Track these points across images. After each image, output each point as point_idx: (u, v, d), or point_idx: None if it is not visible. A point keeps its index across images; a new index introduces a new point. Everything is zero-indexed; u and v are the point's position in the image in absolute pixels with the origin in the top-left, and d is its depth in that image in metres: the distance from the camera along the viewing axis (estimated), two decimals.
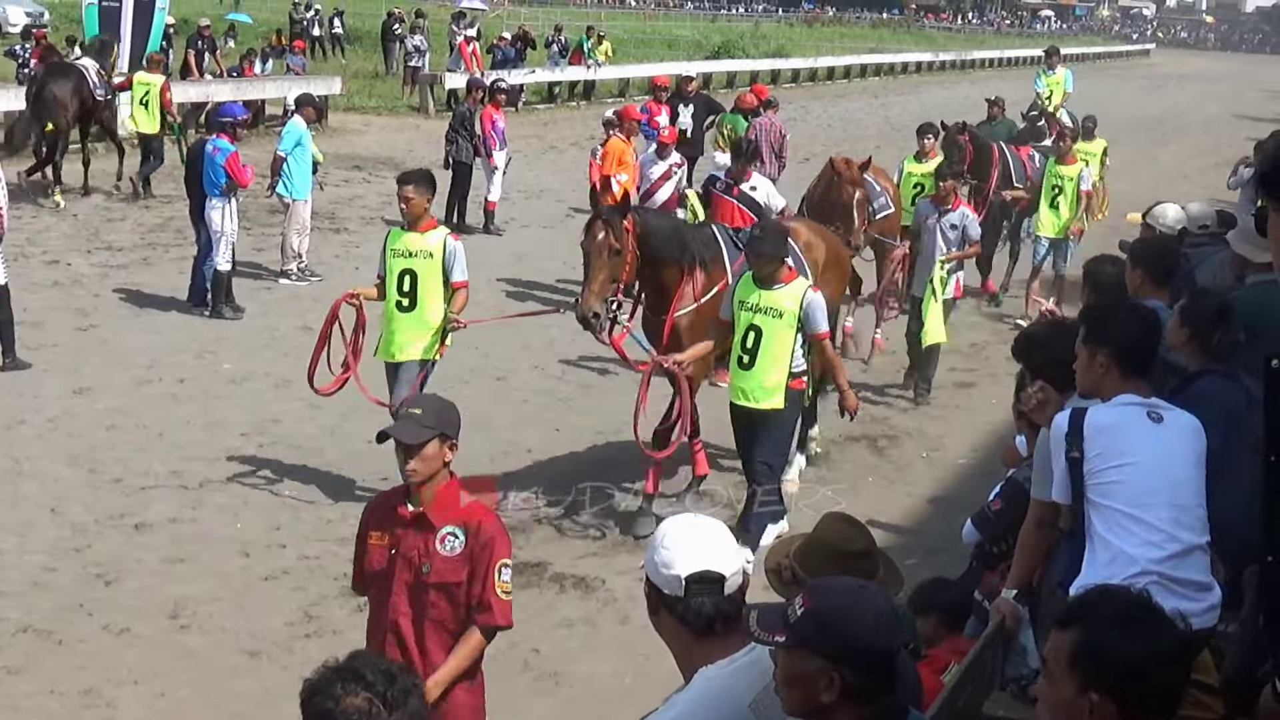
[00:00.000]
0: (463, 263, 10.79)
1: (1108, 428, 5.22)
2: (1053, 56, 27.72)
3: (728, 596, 3.87)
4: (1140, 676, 3.29)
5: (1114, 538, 5.17)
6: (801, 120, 37.36)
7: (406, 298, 10.73)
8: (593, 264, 10.21)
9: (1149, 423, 5.25)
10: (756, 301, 9.90)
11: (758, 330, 9.89)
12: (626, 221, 10.28)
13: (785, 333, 9.85)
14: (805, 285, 10.06)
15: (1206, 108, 52.18)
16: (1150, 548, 5.14)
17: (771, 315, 9.85)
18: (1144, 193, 18.65)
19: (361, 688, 3.27)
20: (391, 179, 25.42)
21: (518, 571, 9.77)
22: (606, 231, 10.19)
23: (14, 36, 37.35)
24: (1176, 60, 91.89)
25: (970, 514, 6.82)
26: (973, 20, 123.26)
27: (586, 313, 10.14)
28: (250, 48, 34.83)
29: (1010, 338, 16.03)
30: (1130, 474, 5.18)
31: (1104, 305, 6.23)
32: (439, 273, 10.72)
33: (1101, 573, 5.00)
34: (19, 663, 8.29)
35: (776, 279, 9.90)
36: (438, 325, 10.77)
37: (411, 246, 10.73)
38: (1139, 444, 5.21)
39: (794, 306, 9.83)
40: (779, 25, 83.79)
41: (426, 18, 42.26)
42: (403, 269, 10.73)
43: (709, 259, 10.83)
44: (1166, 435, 5.26)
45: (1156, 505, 5.18)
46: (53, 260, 17.72)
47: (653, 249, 10.47)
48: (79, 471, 11.23)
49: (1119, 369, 5.37)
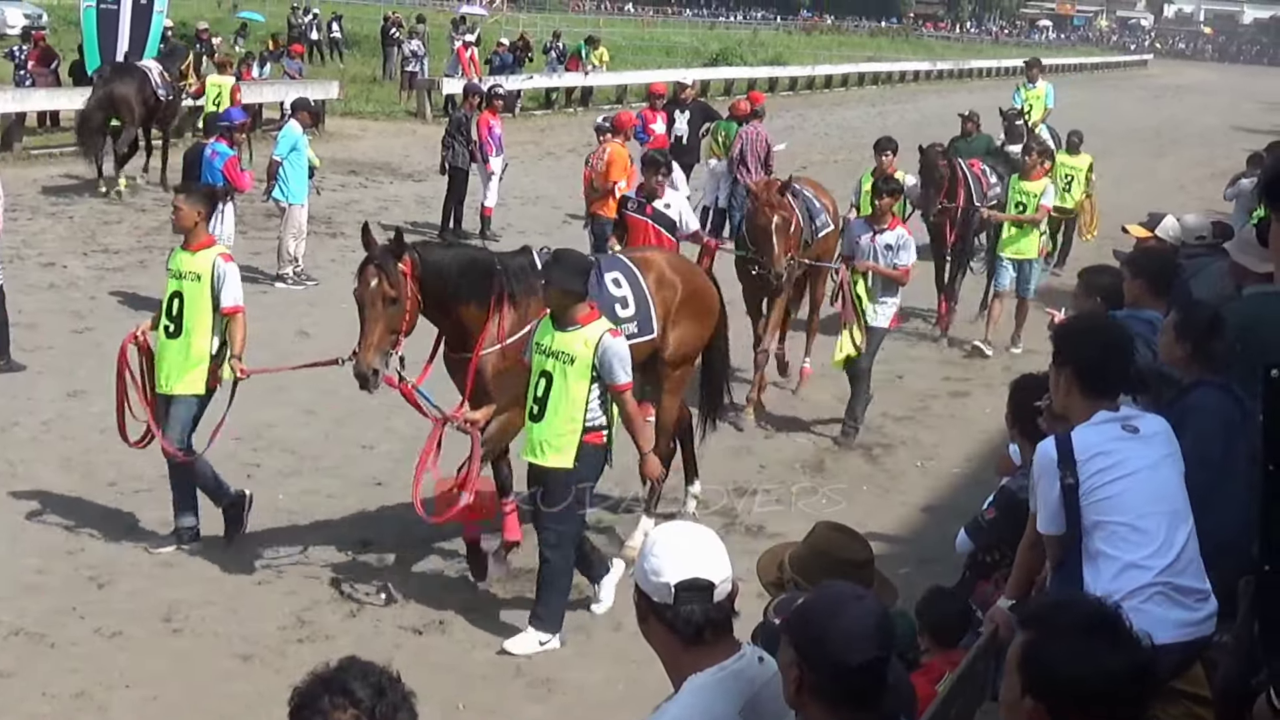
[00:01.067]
0: (235, 286, 9.98)
1: (1097, 446, 5.23)
2: (1033, 68, 25.97)
3: (717, 604, 3.86)
4: (1079, 692, 3.25)
5: (1118, 551, 5.17)
6: (799, 128, 37.41)
7: (173, 323, 9.98)
8: (367, 315, 9.01)
9: (1127, 435, 5.27)
10: (549, 344, 8.70)
11: (548, 377, 8.70)
12: (403, 264, 9.04)
13: (578, 382, 8.61)
14: (603, 329, 8.71)
15: (1204, 119, 52.25)
16: (1155, 556, 5.16)
17: (563, 360, 8.64)
18: (1141, 204, 18.59)
19: (349, 703, 3.24)
20: (389, 184, 25.62)
21: (510, 579, 9.81)
22: (380, 278, 8.97)
23: (13, 38, 37.35)
24: (1174, 71, 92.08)
25: (964, 523, 6.82)
26: (971, 30, 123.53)
27: (365, 369, 8.96)
28: (249, 51, 34.91)
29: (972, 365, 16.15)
30: (1124, 486, 5.20)
31: (1073, 324, 6.20)
32: (207, 296, 9.90)
33: (1108, 586, 4.98)
34: (10, 665, 8.28)
35: (571, 319, 8.67)
36: (206, 356, 9.94)
37: (183, 267, 10.02)
38: (1126, 457, 5.23)
39: (587, 352, 8.58)
40: (777, 33, 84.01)
41: (426, 23, 42.32)
42: (173, 291, 10.02)
43: (520, 291, 9.49)
44: (1146, 444, 5.29)
45: (1154, 514, 5.21)
46: (49, 263, 17.71)
47: (438, 290, 9.28)
48: (72, 474, 11.21)
49: (1079, 388, 5.38)
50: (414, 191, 24.84)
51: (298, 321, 15.77)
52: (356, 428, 12.49)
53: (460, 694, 8.22)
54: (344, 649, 8.27)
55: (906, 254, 12.99)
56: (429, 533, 10.31)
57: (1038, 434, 5.87)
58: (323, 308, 16.53)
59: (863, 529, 7.76)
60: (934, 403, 14.48)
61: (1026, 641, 3.36)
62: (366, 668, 3.36)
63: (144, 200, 22.26)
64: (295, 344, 14.91)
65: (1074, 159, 20.53)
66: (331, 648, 8.39)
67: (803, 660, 3.59)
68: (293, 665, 7.94)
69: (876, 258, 12.88)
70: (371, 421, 12.51)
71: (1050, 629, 3.34)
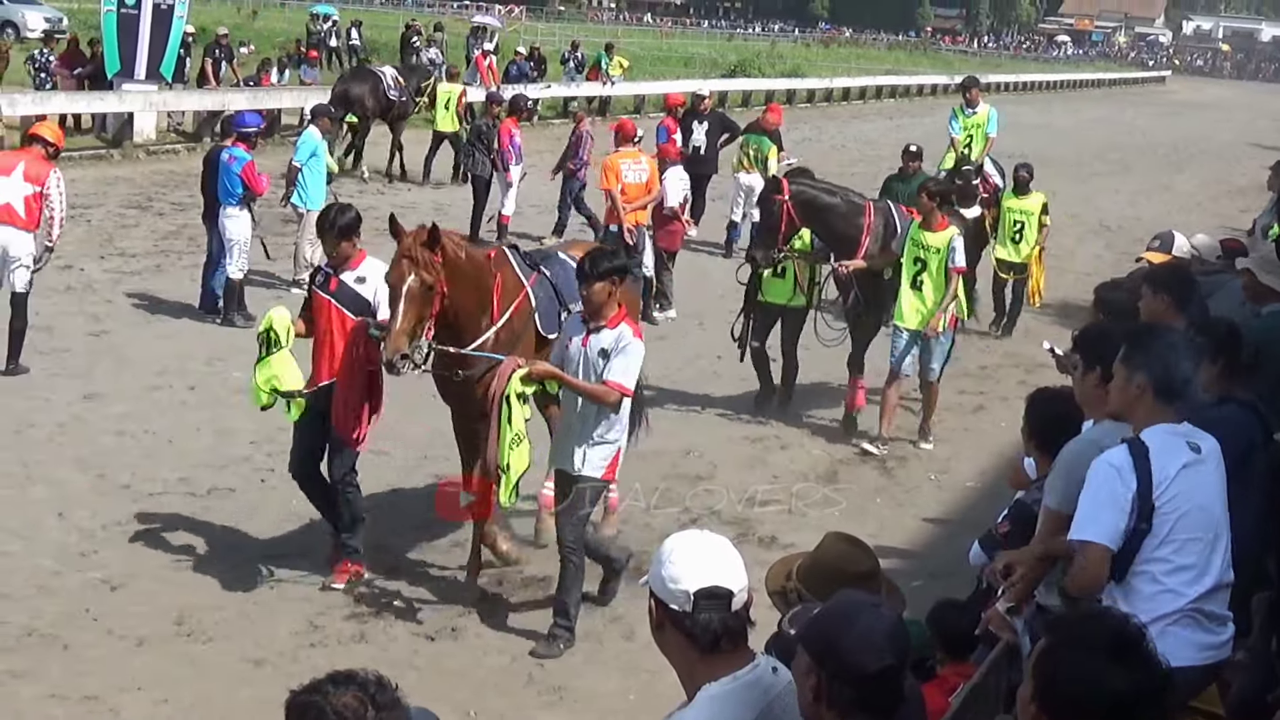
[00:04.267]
0: None
1: (1170, 473, 5.13)
2: (971, 90, 20.25)
3: (734, 613, 3.86)
4: (1080, 709, 3.25)
5: (1159, 571, 5.12)
6: (815, 140, 37.41)
7: None
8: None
9: (1190, 453, 5.21)
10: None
11: None
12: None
13: None
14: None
15: (1221, 135, 52.18)
16: (1192, 585, 5.11)
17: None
18: (1159, 220, 18.51)
19: (354, 686, 3.30)
20: (405, 190, 25.61)
21: (522, 587, 9.81)
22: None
23: (33, 42, 37.51)
24: (1192, 88, 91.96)
25: (977, 536, 6.81)
26: (989, 44, 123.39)
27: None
28: (266, 57, 34.97)
29: (987, 379, 16.03)
30: (1180, 506, 5.13)
31: (1147, 327, 6.11)
32: None
33: (1143, 606, 4.95)
34: (24, 667, 8.29)
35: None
36: None
37: None
38: (1187, 477, 5.16)
39: None
40: (795, 45, 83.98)
41: (444, 31, 42.37)
42: None
43: None
44: (1205, 468, 5.23)
45: (1200, 540, 5.15)
46: (66, 265, 17.74)
47: None
48: (87, 477, 11.23)
49: (1154, 395, 5.27)
50: (431, 198, 24.85)
51: None
52: (370, 433, 12.47)
53: (472, 701, 8.23)
54: (356, 654, 8.30)
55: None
56: (442, 539, 10.34)
57: (1054, 447, 5.85)
58: None
59: (876, 541, 7.81)
60: (948, 416, 14.46)
61: (1044, 648, 3.36)
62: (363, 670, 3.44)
63: (162, 205, 22.30)
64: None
65: (1023, 200, 17.16)
66: (344, 653, 8.40)
67: (820, 667, 3.60)
68: (304, 671, 7.91)
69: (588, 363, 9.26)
70: (385, 428, 12.51)
71: (1069, 640, 3.34)
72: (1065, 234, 26.76)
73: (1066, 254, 24.48)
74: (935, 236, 12.60)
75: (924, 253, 12.66)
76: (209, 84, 31.56)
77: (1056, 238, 26.05)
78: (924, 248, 12.65)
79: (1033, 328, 17.52)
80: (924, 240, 12.65)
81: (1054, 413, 6.27)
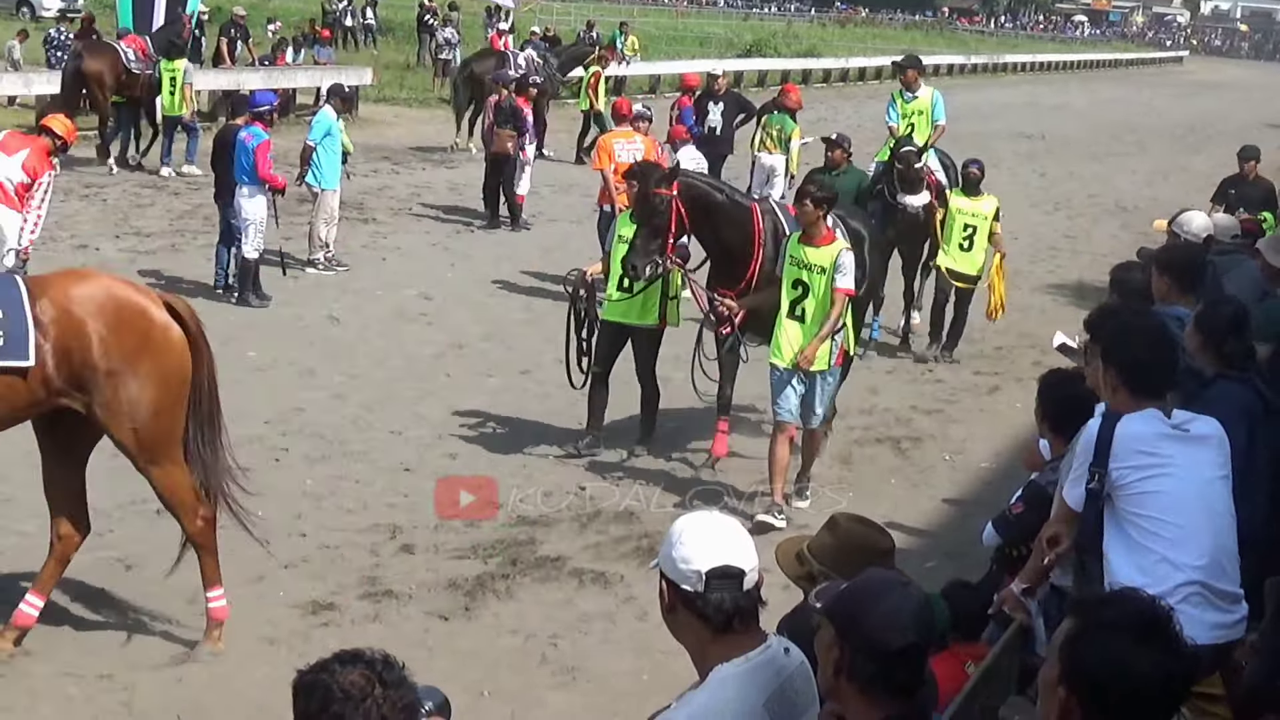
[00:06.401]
0: None
1: (1138, 437, 5.18)
2: (910, 71, 18.07)
3: (745, 593, 3.85)
4: (1111, 691, 3.24)
5: (1154, 544, 5.13)
6: (831, 120, 37.24)
7: None
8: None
9: (1176, 434, 5.21)
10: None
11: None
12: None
13: None
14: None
15: (1239, 115, 51.92)
16: (1188, 555, 5.12)
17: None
18: (1176, 201, 18.43)
19: (361, 664, 3.32)
20: (421, 170, 25.64)
21: (536, 566, 9.81)
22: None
23: (48, 21, 37.55)
24: (1210, 68, 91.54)
25: (991, 517, 6.80)
26: (1006, 24, 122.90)
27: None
28: (281, 37, 34.95)
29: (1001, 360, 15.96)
30: (1165, 484, 5.14)
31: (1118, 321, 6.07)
32: None
33: (1140, 578, 4.95)
34: (38, 646, 8.31)
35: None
36: None
37: None
38: (1171, 453, 5.17)
39: None
40: (811, 25, 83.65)
41: (459, 10, 42.29)
42: None
43: None
44: (1195, 444, 5.23)
45: (1193, 513, 5.16)
46: (81, 244, 17.78)
47: None
48: (101, 457, 11.13)
49: (1127, 390, 5.31)
50: (446, 178, 24.86)
51: (327, 307, 15.80)
52: (386, 413, 12.50)
53: (485, 680, 8.23)
54: (369, 634, 8.31)
55: None
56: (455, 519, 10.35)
57: (1068, 429, 5.84)
58: (353, 293, 16.57)
59: (890, 522, 7.80)
60: (964, 396, 14.43)
61: (1071, 630, 3.34)
62: None
63: (177, 184, 22.32)
64: (324, 329, 14.96)
65: (975, 202, 14.88)
66: (356, 632, 8.41)
67: (843, 642, 3.62)
68: (317, 650, 7.92)
69: None
70: (401, 407, 12.53)
71: (1096, 622, 3.32)
72: (1082, 215, 26.75)
73: (1083, 235, 24.46)
74: (818, 253, 10.34)
75: (805, 273, 10.38)
76: (224, 63, 31.55)
77: (1075, 219, 26.18)
78: (805, 266, 10.38)
79: (1049, 310, 17.49)
80: (804, 257, 10.38)
81: (1066, 395, 6.26)
